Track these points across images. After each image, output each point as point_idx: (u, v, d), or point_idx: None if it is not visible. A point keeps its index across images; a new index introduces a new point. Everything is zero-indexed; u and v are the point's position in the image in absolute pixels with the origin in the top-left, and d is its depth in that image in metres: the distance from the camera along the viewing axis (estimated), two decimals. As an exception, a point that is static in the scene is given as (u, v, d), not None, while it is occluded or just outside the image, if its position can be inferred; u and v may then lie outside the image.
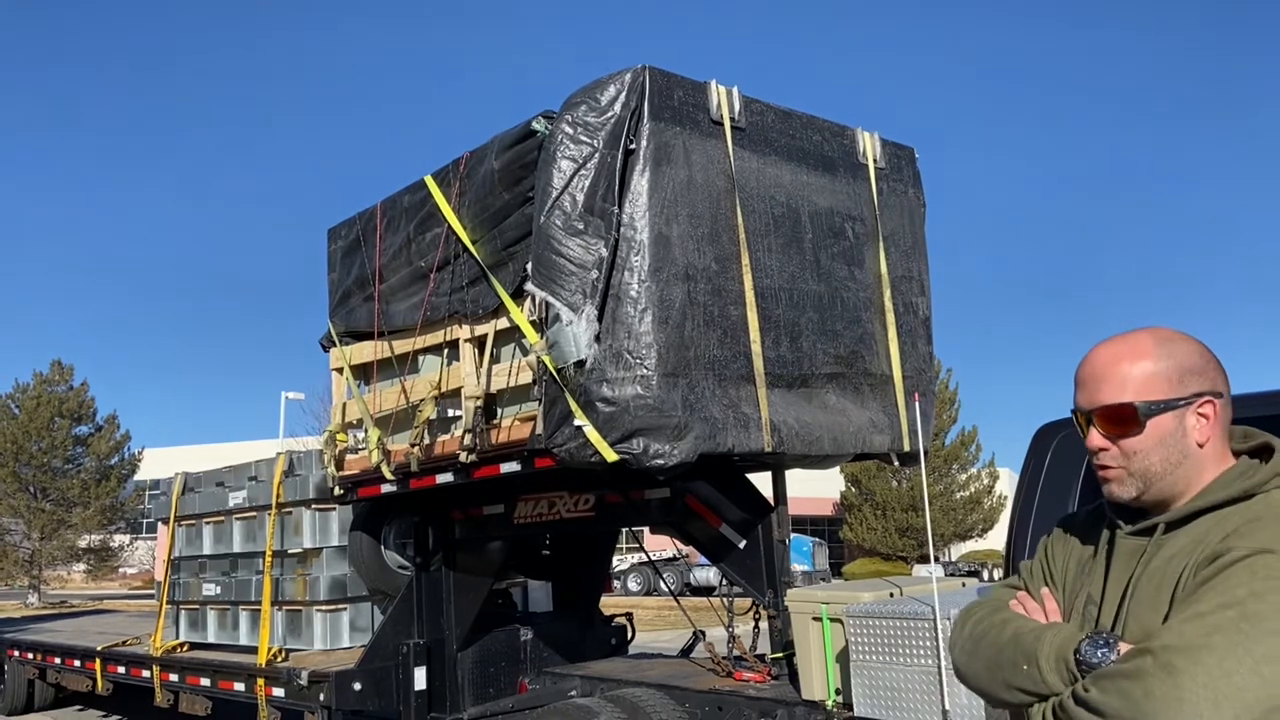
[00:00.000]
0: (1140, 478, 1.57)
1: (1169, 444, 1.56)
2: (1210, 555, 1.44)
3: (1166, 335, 1.61)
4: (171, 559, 8.57)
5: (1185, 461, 1.57)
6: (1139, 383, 1.56)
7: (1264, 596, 1.35)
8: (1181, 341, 1.61)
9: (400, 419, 5.70)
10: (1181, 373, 1.57)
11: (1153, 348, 1.59)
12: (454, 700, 6.27)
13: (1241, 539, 1.43)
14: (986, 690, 1.66)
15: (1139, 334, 1.62)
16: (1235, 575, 1.38)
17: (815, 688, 4.46)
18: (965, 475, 38.77)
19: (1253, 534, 1.43)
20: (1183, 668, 1.33)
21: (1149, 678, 1.35)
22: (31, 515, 33.51)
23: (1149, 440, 1.56)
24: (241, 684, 7.07)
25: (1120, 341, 1.62)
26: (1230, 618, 1.34)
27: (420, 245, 5.55)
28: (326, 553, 7.11)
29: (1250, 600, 1.35)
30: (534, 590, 7.78)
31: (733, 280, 4.64)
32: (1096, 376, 1.60)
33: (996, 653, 1.62)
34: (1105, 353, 1.62)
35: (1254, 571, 1.37)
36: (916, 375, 5.49)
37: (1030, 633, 1.60)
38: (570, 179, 4.45)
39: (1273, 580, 1.36)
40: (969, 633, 1.71)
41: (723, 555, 5.19)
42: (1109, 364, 1.60)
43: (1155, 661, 1.35)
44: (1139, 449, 1.56)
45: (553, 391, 4.49)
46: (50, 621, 13.50)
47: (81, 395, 35.55)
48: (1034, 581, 1.77)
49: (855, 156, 5.38)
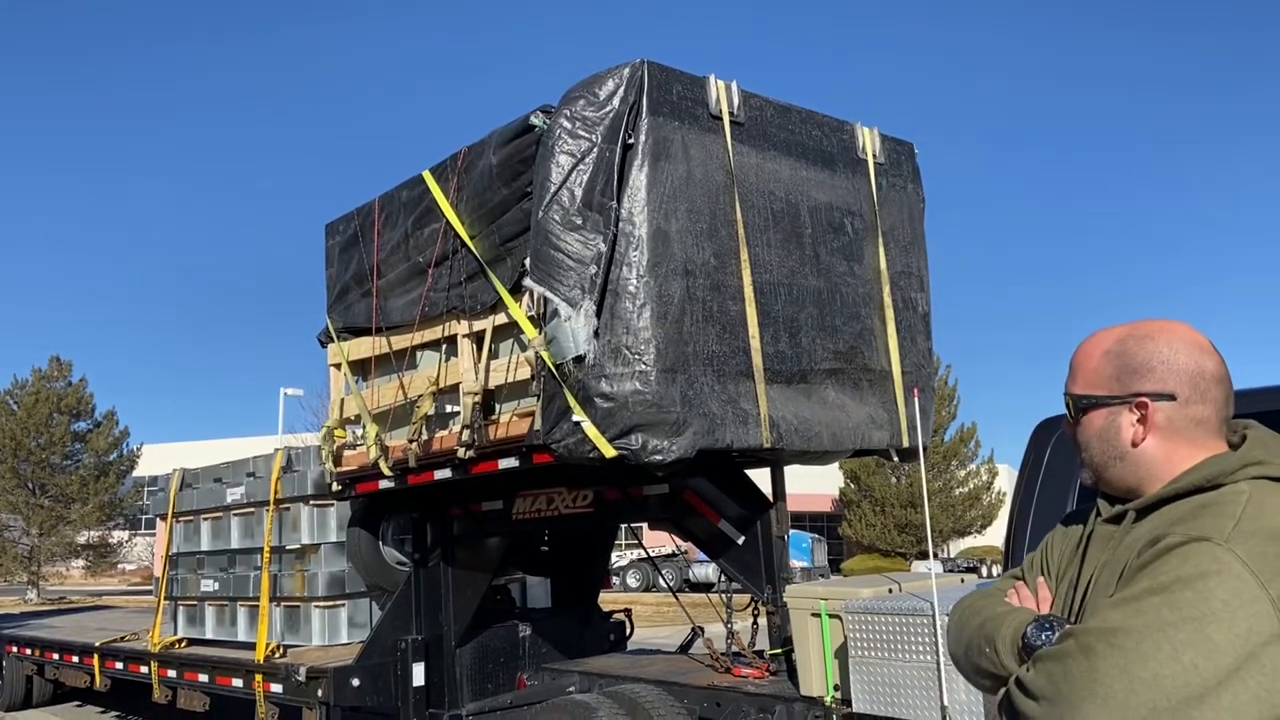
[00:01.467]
0: (1089, 466, 1.63)
1: (1105, 439, 1.59)
2: (1150, 540, 1.43)
3: (1144, 331, 1.57)
4: (170, 555, 8.56)
5: (1123, 459, 1.56)
6: (1084, 375, 1.62)
7: (1191, 583, 1.32)
8: (1154, 340, 1.55)
9: (398, 415, 5.69)
10: (1124, 371, 1.55)
11: (1113, 343, 1.59)
12: (452, 696, 6.27)
13: (1182, 525, 1.41)
14: (966, 675, 1.70)
15: (1121, 326, 1.62)
16: (1168, 561, 1.36)
17: (814, 684, 4.45)
18: (964, 471, 38.77)
19: (1195, 521, 1.41)
20: (1100, 650, 1.32)
21: (1069, 659, 1.36)
22: (30, 511, 33.50)
23: (1086, 433, 1.62)
24: (239, 680, 7.06)
25: (1102, 331, 1.65)
26: (1154, 603, 1.33)
27: (418, 240, 5.54)
28: (325, 549, 7.11)
29: (1176, 586, 1.32)
30: (533, 586, 7.77)
31: (732, 275, 4.63)
32: (1071, 364, 1.66)
33: (970, 638, 1.66)
34: (1084, 341, 1.67)
35: (1185, 558, 1.35)
36: (916, 371, 5.49)
37: (995, 617, 1.63)
38: (569, 174, 4.43)
39: (1202, 567, 1.33)
40: (956, 620, 1.76)
41: (721, 551, 5.19)
42: (1077, 352, 1.66)
43: (1076, 643, 1.36)
44: (1081, 439, 1.63)
45: (551, 387, 4.48)
46: (49, 617, 13.49)
47: (80, 391, 35.53)
48: (1032, 571, 1.78)
49: (854, 151, 5.37)
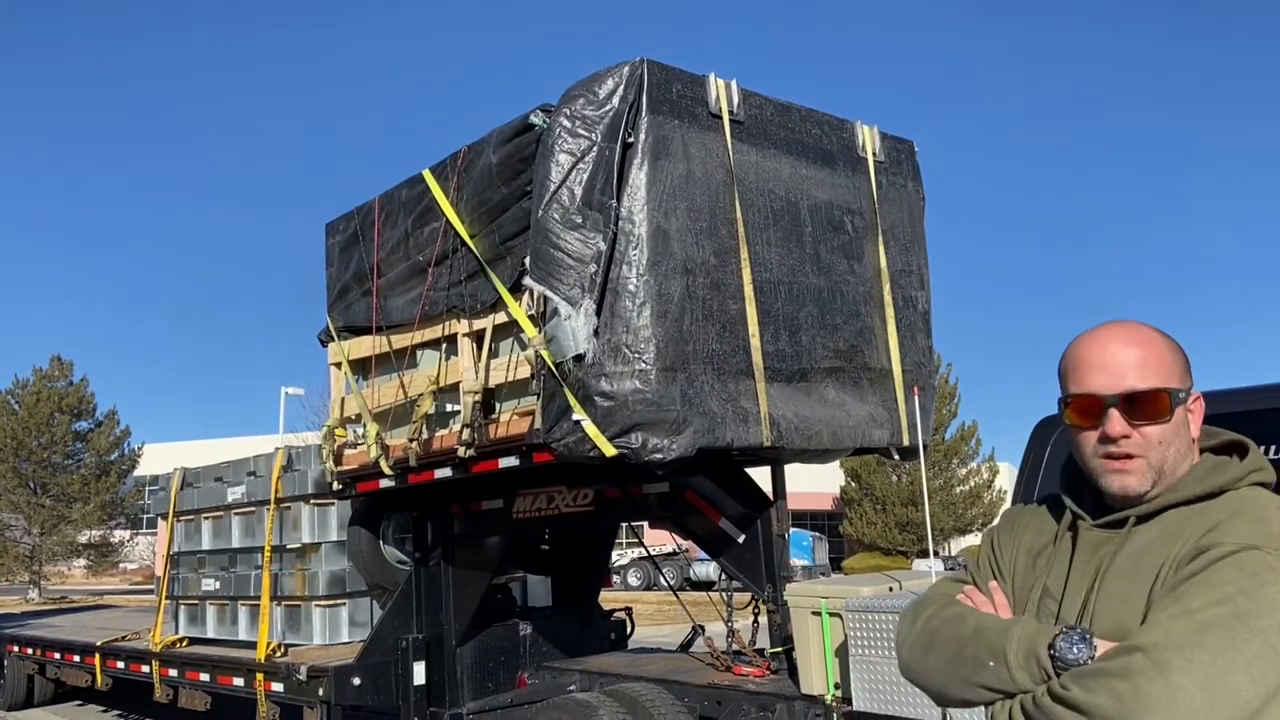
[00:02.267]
0: (1157, 470, 1.51)
1: (1182, 436, 1.53)
2: (1194, 550, 1.40)
3: (1158, 329, 1.58)
4: (171, 554, 8.56)
5: (1189, 454, 1.54)
6: (1165, 370, 1.51)
7: (1252, 594, 1.32)
8: (1169, 336, 1.58)
9: (399, 414, 5.69)
10: (1185, 367, 1.55)
11: (1160, 338, 1.56)
12: (453, 695, 6.27)
13: (1226, 534, 1.40)
14: (942, 688, 1.59)
15: (1136, 324, 1.57)
16: (1223, 571, 1.35)
17: (814, 682, 4.45)
18: (965, 470, 38.75)
19: (1236, 529, 1.40)
20: (1177, 666, 1.28)
21: (1140, 676, 1.30)
22: (32, 511, 33.52)
23: (1171, 430, 1.51)
24: (241, 679, 7.06)
25: (1129, 328, 1.56)
26: (1221, 615, 1.31)
27: (418, 240, 5.53)
28: (325, 548, 7.11)
29: (1240, 597, 1.32)
30: (533, 585, 7.77)
31: (731, 274, 4.63)
32: (1117, 361, 1.51)
33: (957, 649, 1.56)
34: (1119, 337, 1.54)
35: (1242, 568, 1.34)
36: (916, 369, 5.48)
37: (994, 628, 1.54)
38: (568, 173, 4.43)
39: (1260, 576, 1.33)
40: (921, 628, 1.65)
41: (722, 550, 5.19)
42: (1129, 348, 1.52)
43: (1147, 659, 1.30)
44: (1164, 438, 1.50)
45: (551, 386, 4.48)
46: (50, 617, 13.50)
47: (81, 391, 35.54)
48: (981, 574, 1.72)
49: (854, 150, 5.36)
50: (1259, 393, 3.51)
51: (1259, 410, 3.33)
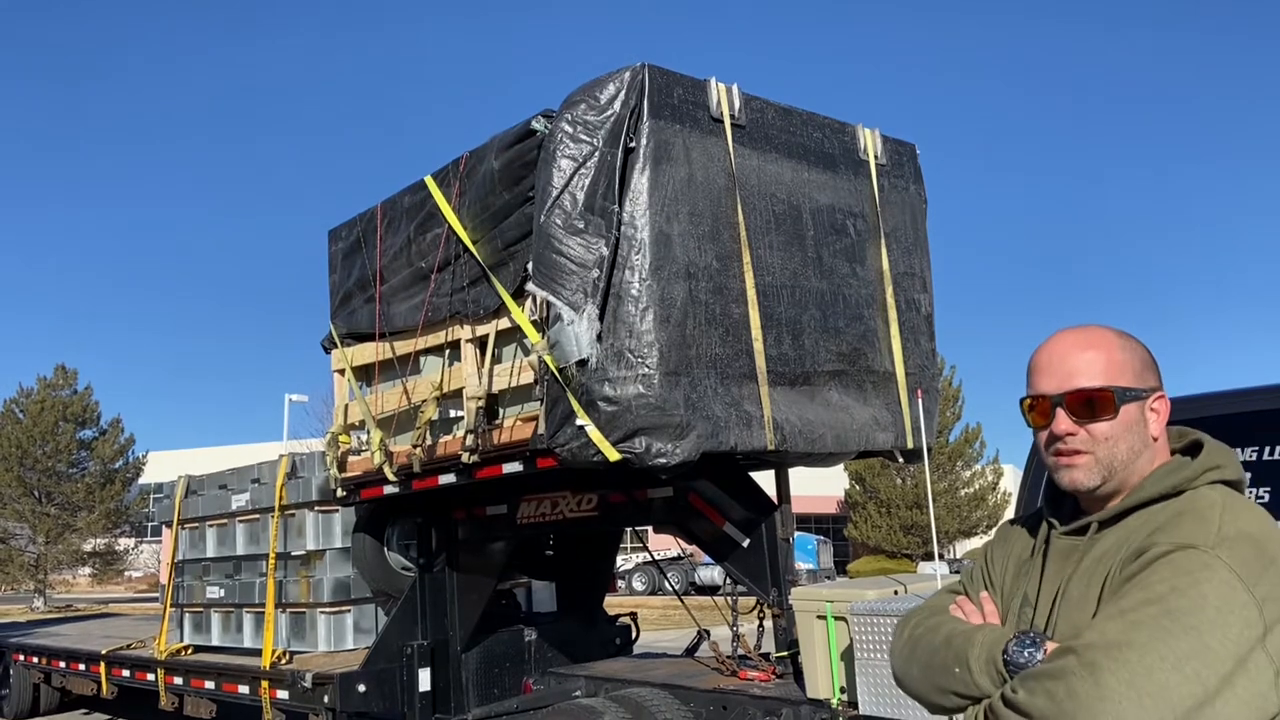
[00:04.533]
0: (1106, 465, 1.56)
1: (1134, 432, 1.57)
2: (1135, 551, 1.44)
3: (1120, 331, 1.64)
4: (175, 562, 8.57)
5: (1144, 452, 1.58)
6: (1112, 370, 1.57)
7: (1185, 592, 1.34)
8: (1134, 338, 1.63)
9: (402, 420, 5.69)
10: (1142, 365, 1.60)
11: (1115, 339, 1.61)
12: (459, 701, 6.27)
13: (1165, 534, 1.43)
14: (923, 695, 1.63)
15: (1096, 327, 1.63)
16: (1158, 571, 1.38)
17: (820, 686, 4.45)
18: (969, 472, 38.70)
19: (1177, 529, 1.43)
20: (1105, 665, 1.31)
21: (1072, 676, 1.33)
22: (36, 520, 33.55)
23: (1119, 426, 1.55)
24: (246, 686, 7.06)
25: (1082, 331, 1.62)
26: (1152, 614, 1.33)
27: (421, 246, 5.54)
28: (330, 554, 7.11)
29: (1171, 596, 1.34)
30: (538, 590, 7.77)
31: (734, 278, 4.63)
32: (1066, 362, 1.58)
33: (930, 656, 1.61)
34: (1070, 340, 1.61)
35: (1176, 567, 1.37)
36: (919, 372, 5.48)
37: (961, 635, 1.59)
38: (570, 178, 4.44)
39: (1193, 575, 1.35)
40: (906, 637, 1.70)
41: (727, 554, 5.18)
42: (1077, 350, 1.59)
43: (1079, 660, 1.34)
44: (1110, 435, 1.55)
45: (554, 391, 4.48)
46: (55, 625, 13.51)
47: (86, 399, 35.59)
48: (974, 585, 1.76)
49: (856, 153, 5.36)
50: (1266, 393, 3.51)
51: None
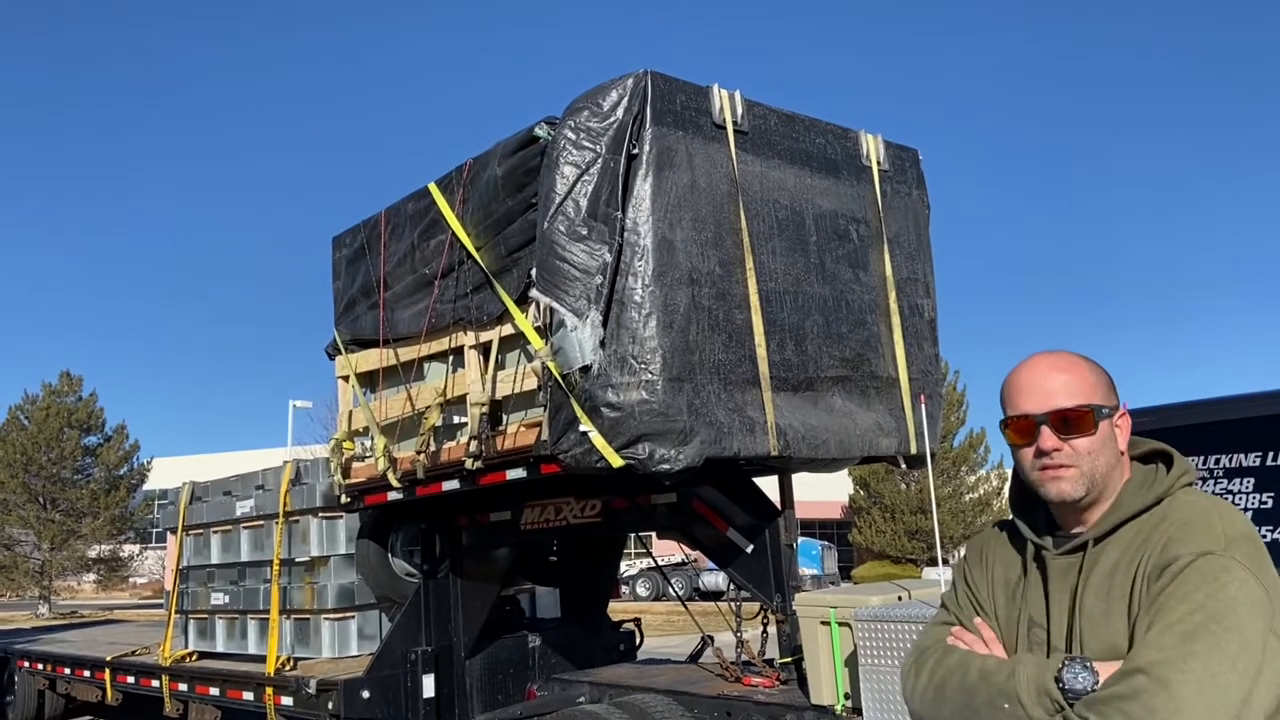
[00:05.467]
0: (1089, 477, 1.69)
1: (1109, 446, 1.71)
2: (1159, 566, 1.56)
3: (1085, 355, 1.80)
4: (180, 568, 8.58)
5: (1118, 464, 1.73)
6: (1087, 389, 1.72)
7: (1217, 595, 1.48)
8: (1095, 361, 1.80)
9: (406, 426, 5.70)
10: (1108, 386, 1.77)
11: (1084, 362, 1.78)
12: (462, 707, 6.26)
13: (1179, 545, 1.56)
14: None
15: (1065, 352, 1.79)
16: (1189, 581, 1.51)
17: (824, 692, 4.44)
18: (974, 477, 38.64)
19: (1189, 538, 1.56)
20: (1176, 679, 1.43)
21: (1146, 694, 1.44)
22: (41, 526, 33.60)
23: (1098, 441, 1.70)
24: (250, 693, 7.07)
25: (1055, 356, 1.78)
26: (1199, 621, 1.46)
27: (424, 252, 5.55)
28: (334, 561, 7.11)
29: (1209, 602, 1.47)
30: (542, 596, 7.76)
31: (737, 284, 4.64)
32: (1045, 384, 1.72)
33: (967, 697, 1.65)
34: (1046, 364, 1.76)
35: (1202, 575, 1.50)
36: (923, 377, 5.48)
37: (999, 670, 1.64)
38: (573, 184, 4.45)
39: (1219, 579, 1.49)
40: (928, 681, 1.73)
41: (730, 560, 5.18)
42: (1055, 373, 1.74)
43: (1149, 679, 1.44)
44: (1091, 449, 1.69)
45: (558, 397, 4.48)
46: (60, 632, 13.52)
47: (90, 406, 35.66)
48: (964, 612, 1.83)
49: (859, 159, 5.37)
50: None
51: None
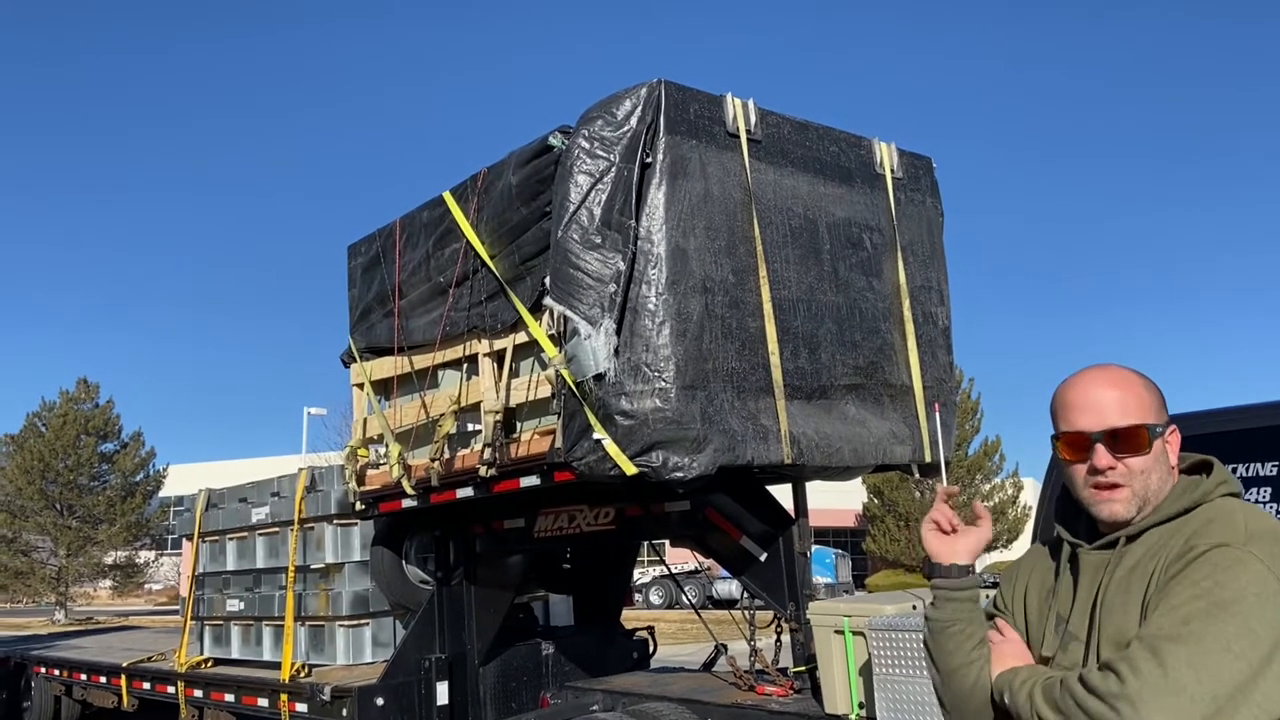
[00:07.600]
0: (1141, 497, 1.72)
1: (1162, 464, 1.74)
2: (1177, 555, 1.62)
3: (1138, 370, 1.81)
4: (196, 575, 8.62)
5: (1169, 480, 1.76)
6: (1143, 408, 1.74)
7: (1226, 584, 1.53)
8: (1148, 377, 1.81)
9: (420, 434, 5.72)
10: (1161, 403, 1.79)
11: (1138, 378, 1.79)
12: (476, 715, 6.27)
13: (1202, 538, 1.62)
14: None
15: (1118, 366, 1.80)
16: (1200, 569, 1.57)
17: (838, 701, 4.43)
18: (989, 486, 38.44)
19: (1210, 532, 1.62)
20: (1168, 650, 1.50)
21: (1137, 658, 1.52)
22: (58, 532, 33.81)
23: (1151, 459, 1.72)
24: (265, 699, 7.09)
25: (1108, 370, 1.79)
26: (1202, 606, 1.52)
27: (439, 261, 5.58)
28: (348, 568, 7.13)
29: (1216, 589, 1.53)
30: (555, 604, 7.77)
31: (750, 292, 4.64)
32: (1100, 401, 1.74)
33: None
34: (1100, 379, 1.77)
35: (1215, 564, 1.56)
36: (937, 385, 5.47)
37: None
38: (587, 193, 4.46)
39: (1232, 569, 1.55)
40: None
41: (744, 568, 5.18)
42: (1109, 389, 1.75)
43: (1142, 646, 1.53)
44: (1145, 468, 1.72)
45: (571, 405, 4.50)
46: (76, 638, 13.58)
47: (107, 413, 35.88)
48: (1008, 613, 1.93)
49: (872, 167, 5.37)
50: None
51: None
